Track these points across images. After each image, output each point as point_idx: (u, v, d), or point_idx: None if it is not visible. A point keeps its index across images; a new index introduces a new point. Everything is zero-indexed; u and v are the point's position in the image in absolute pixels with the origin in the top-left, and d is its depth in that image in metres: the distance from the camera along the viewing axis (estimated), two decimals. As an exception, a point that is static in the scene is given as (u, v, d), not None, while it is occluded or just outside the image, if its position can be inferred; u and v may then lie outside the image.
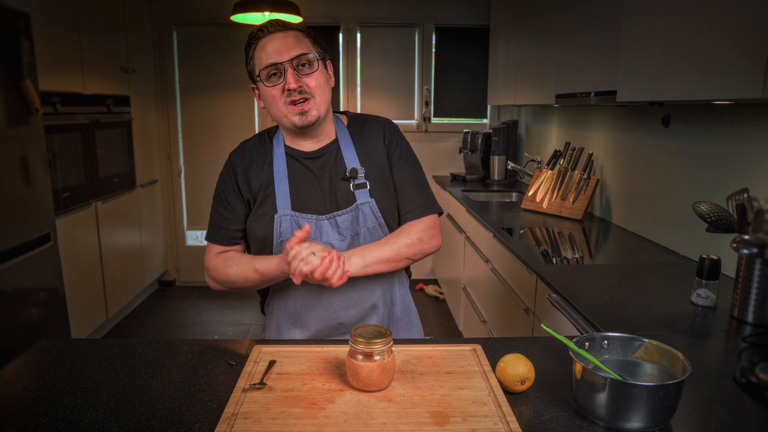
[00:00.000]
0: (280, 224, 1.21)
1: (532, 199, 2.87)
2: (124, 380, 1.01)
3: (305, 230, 1.09)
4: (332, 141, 1.28)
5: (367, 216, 1.23)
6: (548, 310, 1.76)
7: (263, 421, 0.87)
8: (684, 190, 1.97)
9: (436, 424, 0.85)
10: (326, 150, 1.27)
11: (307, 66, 1.19)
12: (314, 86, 1.18)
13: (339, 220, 1.22)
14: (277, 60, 1.16)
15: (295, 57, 1.16)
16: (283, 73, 1.17)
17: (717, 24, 1.30)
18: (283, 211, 1.21)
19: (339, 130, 1.29)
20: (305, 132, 1.23)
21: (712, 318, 1.37)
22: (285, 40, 1.17)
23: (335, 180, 1.24)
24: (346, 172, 1.23)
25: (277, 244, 1.22)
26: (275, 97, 1.19)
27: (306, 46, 1.19)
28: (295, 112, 1.18)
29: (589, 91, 2.12)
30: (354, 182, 1.23)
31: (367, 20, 4.18)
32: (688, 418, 0.89)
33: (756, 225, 1.23)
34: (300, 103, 1.18)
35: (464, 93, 4.36)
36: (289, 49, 1.17)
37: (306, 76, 1.18)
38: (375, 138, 1.29)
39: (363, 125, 1.31)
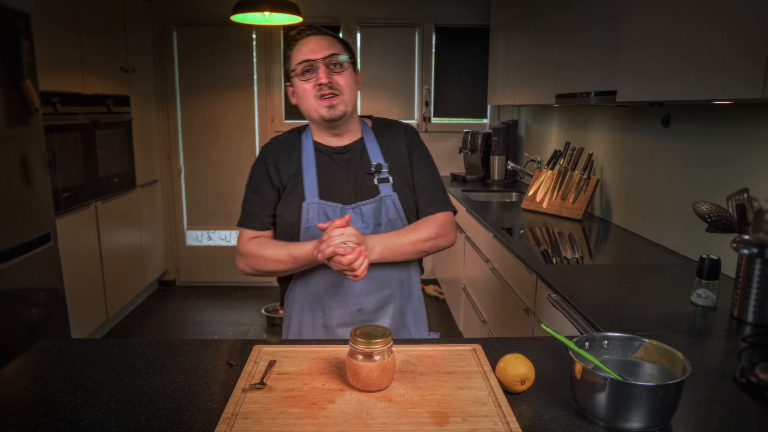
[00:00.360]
0: (307, 211, 1.30)
1: (532, 199, 2.87)
2: (124, 380, 1.01)
3: (345, 219, 1.17)
4: (358, 139, 1.38)
5: (389, 208, 1.32)
6: (548, 310, 1.76)
7: (263, 421, 0.87)
8: (684, 190, 1.97)
9: (436, 424, 0.85)
10: (352, 147, 1.37)
11: (338, 66, 1.30)
12: (343, 84, 1.29)
13: (363, 209, 1.31)
14: (311, 57, 1.27)
15: (328, 56, 1.28)
16: (315, 70, 1.28)
17: (717, 24, 1.30)
18: (310, 199, 1.30)
19: (364, 130, 1.40)
20: (332, 127, 1.33)
21: (712, 318, 1.37)
22: (320, 42, 1.30)
23: (360, 174, 1.34)
24: (371, 167, 1.34)
25: (304, 230, 1.31)
26: (307, 92, 1.29)
27: (338, 48, 1.31)
28: (324, 106, 1.28)
29: (589, 91, 2.12)
30: (378, 176, 1.34)
31: (367, 20, 4.18)
32: (688, 418, 0.89)
33: (756, 225, 1.23)
34: (329, 98, 1.28)
35: (464, 93, 4.36)
36: (323, 49, 1.29)
37: (336, 74, 1.29)
38: (398, 139, 1.40)
39: (387, 127, 1.42)
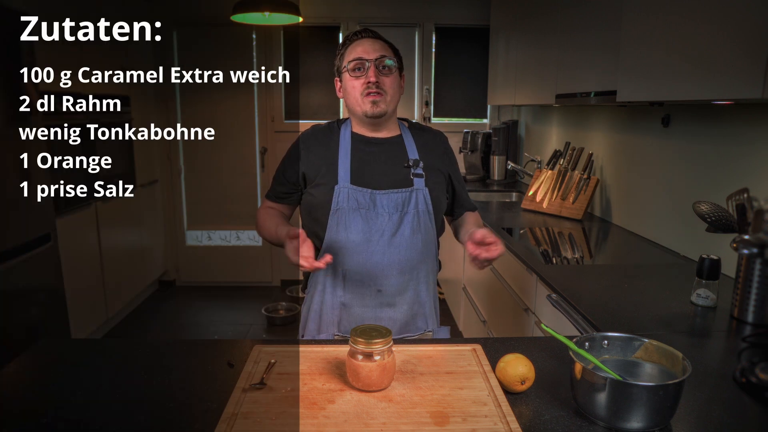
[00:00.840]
0: (338, 194, 1.37)
1: (532, 199, 2.87)
2: (124, 380, 1.01)
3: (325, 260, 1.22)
4: (397, 135, 1.48)
5: (419, 200, 1.40)
6: (548, 310, 1.76)
7: (263, 421, 0.87)
8: (684, 190, 1.97)
9: (436, 424, 0.85)
10: (390, 140, 1.46)
11: (386, 69, 1.39)
12: (389, 85, 1.39)
13: (394, 197, 1.38)
14: (364, 57, 1.37)
15: (379, 57, 1.38)
16: (366, 69, 1.37)
17: (717, 24, 1.30)
18: (342, 183, 1.37)
19: (402, 129, 1.50)
20: (372, 123, 1.42)
21: (712, 318, 1.37)
22: (374, 45, 1.40)
23: (396, 165, 1.42)
24: (408, 160, 1.42)
25: (333, 212, 1.37)
26: (355, 88, 1.38)
27: (389, 53, 1.41)
28: (368, 102, 1.37)
29: (589, 91, 2.12)
30: (413, 170, 1.42)
31: (367, 20, 4.17)
32: (688, 418, 0.89)
33: (756, 225, 1.23)
34: (374, 95, 1.36)
35: (464, 93, 4.35)
36: (376, 51, 1.39)
37: (384, 76, 1.38)
38: (435, 144, 1.51)
39: (423, 130, 1.53)
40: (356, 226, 1.36)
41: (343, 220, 1.36)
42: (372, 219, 1.36)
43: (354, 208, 1.36)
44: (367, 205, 1.37)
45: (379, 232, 1.36)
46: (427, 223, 1.41)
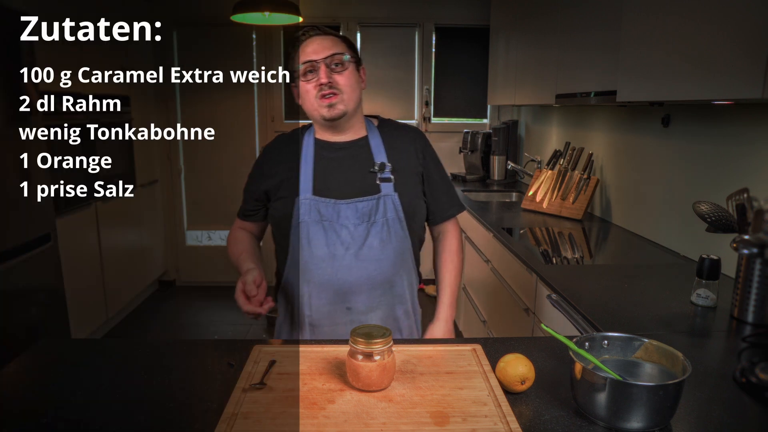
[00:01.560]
0: (300, 207, 1.30)
1: (532, 199, 2.87)
2: (124, 380, 1.01)
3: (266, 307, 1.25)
4: (362, 137, 1.38)
5: (388, 207, 1.31)
6: (548, 310, 1.76)
7: (263, 421, 0.87)
8: (684, 190, 1.97)
9: (436, 424, 0.85)
10: (356, 143, 1.37)
11: (340, 66, 1.30)
12: (343, 83, 1.29)
13: (359, 206, 1.30)
14: (313, 58, 1.29)
15: (329, 56, 1.29)
16: (317, 70, 1.29)
17: (717, 24, 1.30)
18: (303, 195, 1.30)
19: (369, 129, 1.40)
20: (334, 125, 1.34)
21: (712, 318, 1.37)
22: (322, 42, 1.31)
23: (362, 170, 1.33)
24: (374, 165, 1.33)
25: (295, 226, 1.31)
26: (309, 92, 1.30)
27: (340, 48, 1.32)
28: (323, 105, 1.29)
29: (589, 91, 2.12)
30: (380, 175, 1.33)
31: (367, 20, 4.17)
32: (688, 418, 0.89)
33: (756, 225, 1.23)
34: (328, 97, 1.28)
35: (464, 93, 4.35)
36: (325, 49, 1.30)
37: (337, 74, 1.29)
38: (406, 142, 1.40)
39: (394, 129, 1.43)
40: (320, 240, 1.28)
41: (305, 233, 1.28)
42: (336, 231, 1.28)
43: (316, 220, 1.28)
44: (330, 216, 1.29)
45: (344, 245, 1.28)
46: (399, 232, 1.31)
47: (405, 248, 1.34)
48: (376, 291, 1.32)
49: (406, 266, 1.36)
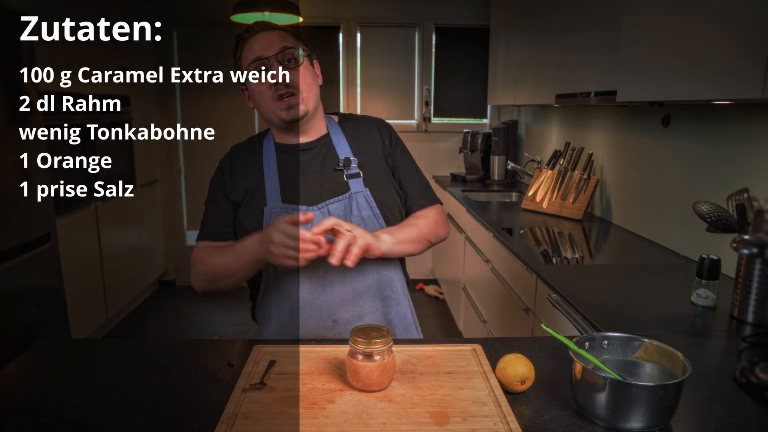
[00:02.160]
0: (269, 216, 1.20)
1: (532, 199, 2.87)
2: (124, 380, 1.01)
3: (307, 217, 1.07)
4: (323, 135, 1.29)
5: (361, 205, 1.22)
6: (548, 310, 1.76)
7: (263, 421, 0.87)
8: (684, 190, 1.97)
9: (436, 424, 0.85)
10: (317, 143, 1.28)
11: (293, 61, 1.20)
12: (300, 81, 1.19)
13: (331, 208, 1.21)
14: (262, 54, 1.18)
15: (280, 51, 1.18)
16: (269, 69, 1.18)
17: (717, 24, 1.30)
18: (272, 204, 1.21)
19: (330, 126, 1.30)
20: (294, 128, 1.24)
21: (712, 318, 1.37)
22: (270, 36, 1.20)
23: (327, 170, 1.24)
24: (338, 162, 1.24)
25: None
26: (263, 93, 1.20)
27: (290, 41, 1.21)
28: (282, 107, 1.19)
29: (589, 91, 2.12)
30: (347, 171, 1.24)
31: (367, 20, 4.18)
32: (688, 418, 0.89)
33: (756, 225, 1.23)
34: (287, 98, 1.18)
35: (464, 93, 4.35)
36: (274, 44, 1.19)
37: (292, 71, 1.19)
38: (370, 133, 1.31)
39: (356, 122, 1.33)
40: None
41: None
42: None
43: None
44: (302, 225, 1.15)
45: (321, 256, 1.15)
46: (377, 230, 1.21)
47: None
48: (362, 298, 1.23)
49: (391, 266, 1.27)
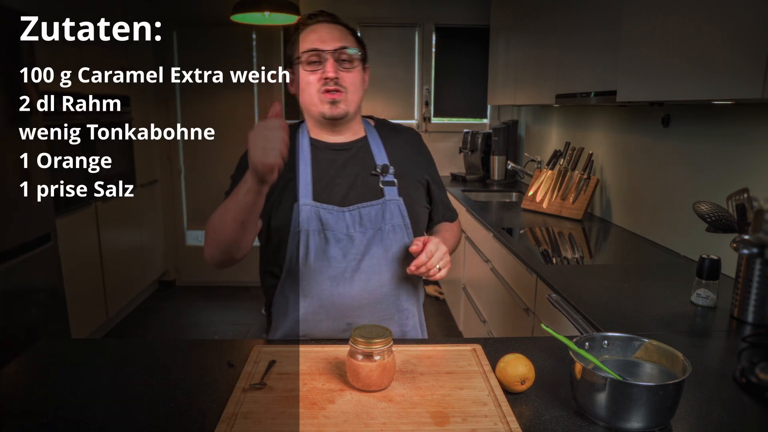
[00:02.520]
0: (299, 214, 1.18)
1: (532, 199, 2.87)
2: (124, 380, 1.01)
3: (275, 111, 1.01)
4: (362, 137, 1.28)
5: (393, 213, 1.21)
6: (548, 310, 1.76)
7: (263, 421, 0.87)
8: (684, 190, 1.97)
9: (436, 424, 0.85)
10: (354, 144, 1.27)
11: (348, 62, 1.20)
12: (350, 82, 1.19)
13: (363, 212, 1.20)
14: (320, 47, 1.17)
15: (338, 48, 1.18)
16: (323, 62, 1.18)
17: (717, 24, 1.30)
18: (304, 201, 1.19)
19: (368, 129, 1.30)
20: (331, 125, 1.23)
21: (712, 318, 1.37)
22: (331, 32, 1.20)
23: (363, 173, 1.23)
24: (376, 167, 1.24)
25: (294, 234, 1.19)
26: (310, 84, 1.19)
27: (350, 42, 1.22)
28: (326, 101, 1.18)
29: (589, 91, 2.12)
30: (383, 178, 1.23)
31: (367, 20, 4.17)
32: (688, 418, 0.89)
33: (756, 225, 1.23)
34: (332, 93, 1.18)
35: (464, 93, 4.35)
36: (334, 40, 1.19)
37: (344, 71, 1.19)
38: (407, 144, 1.32)
39: (392, 129, 1.34)
40: (319, 251, 1.17)
41: (304, 243, 1.17)
42: (338, 241, 1.17)
43: (317, 229, 1.17)
44: (332, 225, 1.18)
45: (346, 256, 1.17)
46: (404, 239, 1.21)
47: (410, 257, 1.20)
48: (379, 305, 1.22)
49: (411, 278, 1.26)
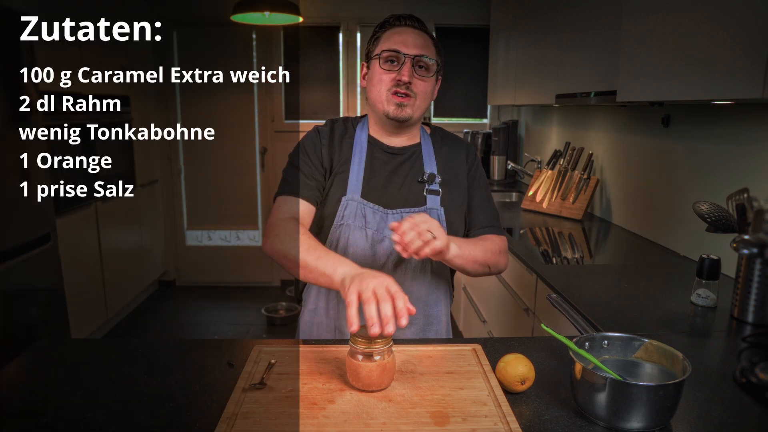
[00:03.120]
0: (345, 207, 1.20)
1: (532, 199, 2.87)
2: (124, 380, 1.01)
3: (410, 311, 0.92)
4: (416, 143, 1.30)
5: None
6: (548, 310, 1.76)
7: (263, 421, 0.87)
8: (684, 190, 1.97)
9: (436, 424, 0.85)
10: (408, 149, 1.28)
11: (424, 69, 1.21)
12: (421, 90, 1.21)
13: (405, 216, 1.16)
14: (402, 50, 1.19)
15: (418, 55, 1.19)
16: (401, 64, 1.19)
17: (717, 24, 1.30)
18: (351, 195, 1.20)
19: (423, 136, 1.31)
20: (392, 126, 1.25)
21: (712, 318, 1.37)
22: (416, 38, 1.22)
23: (410, 179, 1.25)
24: (423, 175, 1.25)
25: (336, 226, 1.20)
26: (383, 81, 1.20)
27: (431, 52, 1.23)
28: (394, 102, 1.20)
29: (589, 91, 2.12)
30: (429, 186, 1.25)
31: (367, 20, 4.17)
32: (688, 418, 0.89)
33: (756, 225, 1.23)
34: (401, 96, 1.19)
35: (464, 93, 4.35)
36: (417, 46, 1.20)
37: (419, 78, 1.20)
38: (457, 155, 1.32)
39: (445, 139, 1.34)
40: (359, 247, 1.19)
41: (345, 237, 1.20)
42: (379, 241, 1.19)
43: (360, 226, 1.19)
44: (375, 224, 1.19)
45: (383, 257, 1.19)
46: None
47: (443, 267, 1.26)
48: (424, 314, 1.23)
49: (442, 286, 1.29)
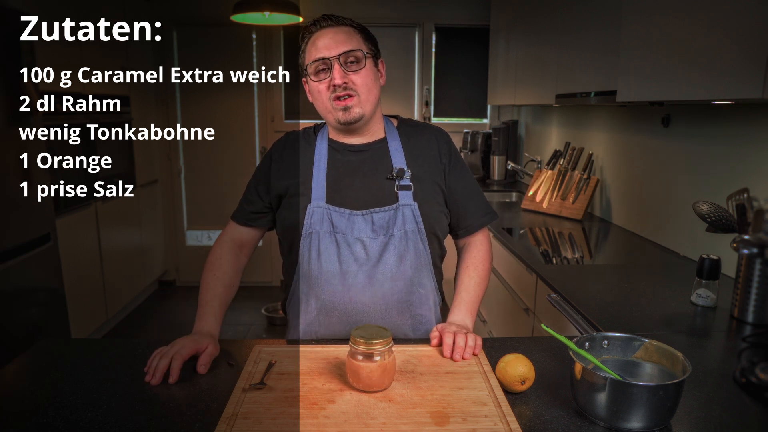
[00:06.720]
0: (311, 215, 1.19)
1: (532, 199, 2.87)
2: (124, 380, 1.01)
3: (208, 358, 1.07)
4: (380, 139, 1.27)
5: (407, 218, 1.19)
6: (548, 310, 1.76)
7: (263, 421, 0.87)
8: (684, 190, 1.97)
9: (436, 424, 0.85)
10: (372, 146, 1.26)
11: (355, 63, 1.18)
12: (360, 84, 1.18)
13: (375, 217, 1.19)
14: (325, 55, 1.17)
15: (343, 53, 1.17)
16: (330, 69, 1.17)
17: (717, 24, 1.30)
18: (316, 203, 1.19)
19: (388, 130, 1.28)
20: (350, 129, 1.23)
21: (712, 318, 1.37)
22: (335, 36, 1.19)
23: (378, 177, 1.22)
24: (392, 171, 1.22)
25: (305, 235, 1.19)
26: (321, 92, 1.19)
27: (356, 42, 1.20)
28: (338, 108, 1.18)
29: (589, 91, 2.12)
30: (399, 182, 1.21)
31: (367, 20, 4.15)
32: (688, 418, 0.89)
33: (756, 225, 1.23)
34: (344, 99, 1.17)
35: (464, 93, 4.35)
36: (338, 44, 1.17)
37: (353, 73, 1.18)
38: (427, 145, 1.28)
39: (414, 129, 1.31)
40: (330, 254, 1.17)
41: (315, 245, 1.17)
42: (350, 245, 1.17)
43: (328, 231, 1.17)
44: (344, 228, 1.17)
45: (357, 261, 1.16)
46: (418, 246, 1.19)
47: (424, 264, 1.21)
48: (392, 312, 1.20)
49: (426, 284, 1.24)
